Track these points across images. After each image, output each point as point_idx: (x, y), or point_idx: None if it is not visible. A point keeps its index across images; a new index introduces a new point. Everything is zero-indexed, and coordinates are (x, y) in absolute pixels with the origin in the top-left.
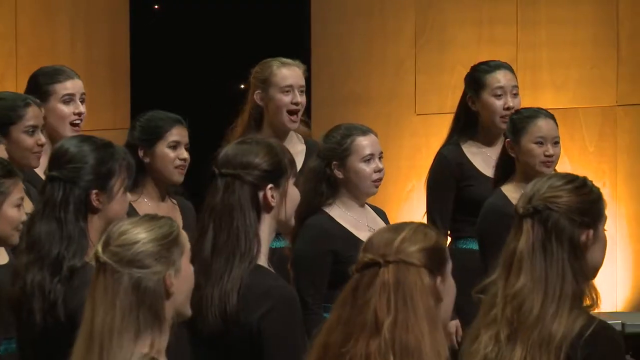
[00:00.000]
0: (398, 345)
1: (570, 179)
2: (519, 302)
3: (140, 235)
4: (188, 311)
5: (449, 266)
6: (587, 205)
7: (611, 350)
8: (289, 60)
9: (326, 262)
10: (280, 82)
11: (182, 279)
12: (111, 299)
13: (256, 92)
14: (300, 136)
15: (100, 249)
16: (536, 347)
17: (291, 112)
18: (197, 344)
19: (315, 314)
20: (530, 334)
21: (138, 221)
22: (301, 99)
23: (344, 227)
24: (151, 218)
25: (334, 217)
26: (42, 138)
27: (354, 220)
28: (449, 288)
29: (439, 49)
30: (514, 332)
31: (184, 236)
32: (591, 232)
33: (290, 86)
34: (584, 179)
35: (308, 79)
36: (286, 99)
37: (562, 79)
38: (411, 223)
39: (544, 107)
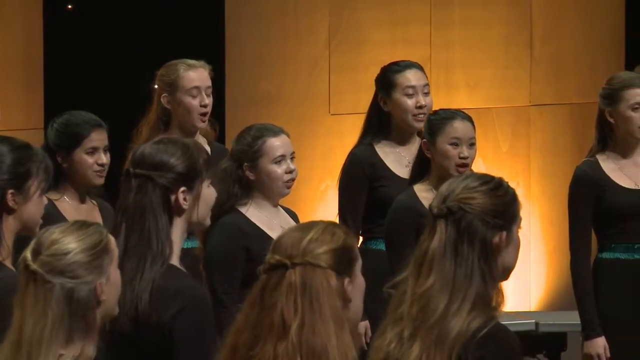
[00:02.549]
0: (305, 347)
1: (486, 180)
2: (425, 301)
3: (71, 245)
4: (115, 311)
5: (358, 266)
6: (502, 207)
7: (504, 353)
8: (194, 62)
9: (239, 260)
10: (187, 85)
11: (111, 285)
12: (42, 309)
13: (163, 95)
14: (205, 138)
15: (29, 257)
16: (432, 346)
17: (200, 115)
18: (110, 344)
19: (230, 312)
20: (430, 333)
21: (68, 229)
22: (208, 100)
23: (257, 225)
24: (80, 226)
25: (248, 216)
26: None
27: (267, 220)
28: (358, 288)
29: (353, 49)
30: (416, 330)
31: (113, 242)
32: (504, 234)
33: (198, 88)
34: (500, 180)
35: (222, 79)
36: (194, 102)
37: (476, 79)
38: (320, 222)
39: (457, 107)
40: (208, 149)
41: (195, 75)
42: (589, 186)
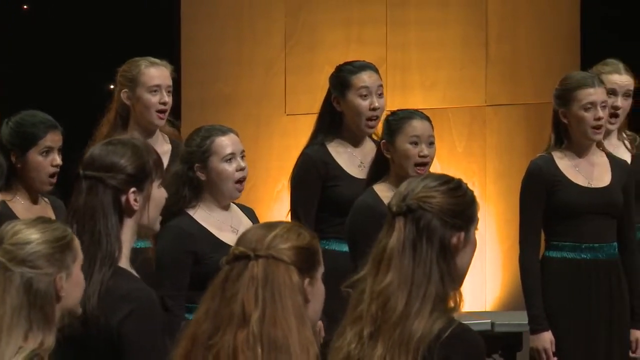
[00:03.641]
0: (266, 338)
1: (446, 180)
2: (384, 299)
3: (34, 236)
4: (78, 310)
5: (321, 271)
6: (460, 207)
7: (469, 354)
8: (156, 60)
9: (186, 263)
10: (148, 82)
11: (73, 284)
12: (1, 296)
13: (123, 90)
14: (166, 136)
15: None
16: (396, 347)
17: (159, 112)
18: (61, 345)
19: (177, 316)
20: (392, 332)
21: (32, 222)
22: (168, 99)
23: (205, 228)
24: (45, 221)
25: (196, 219)
26: None
27: (217, 222)
28: (317, 292)
29: (308, 50)
30: (377, 329)
31: (77, 243)
32: (463, 234)
33: (158, 86)
34: (459, 181)
35: (178, 80)
36: (154, 99)
37: (432, 79)
38: (286, 222)
39: (413, 107)
40: (169, 147)
41: (157, 72)
42: (541, 181)
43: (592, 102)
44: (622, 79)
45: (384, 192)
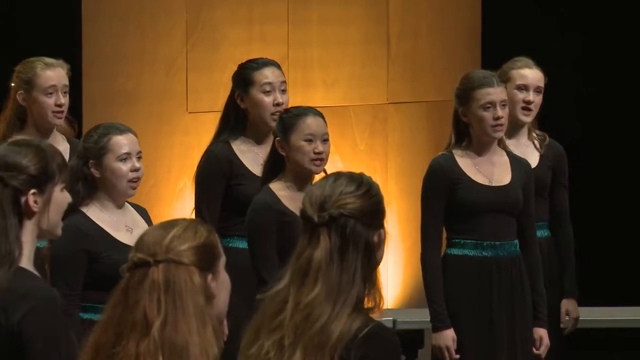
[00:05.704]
0: (167, 345)
1: (358, 182)
2: (310, 310)
3: None
4: None
5: (222, 262)
6: (377, 206)
7: (386, 352)
8: (52, 61)
9: (81, 262)
10: (44, 84)
11: None
12: None
13: (19, 92)
14: (63, 136)
15: None
16: (314, 350)
17: (55, 113)
18: None
19: (71, 315)
20: (312, 339)
21: None
22: (64, 99)
23: (100, 226)
24: None
25: (90, 216)
26: None
27: (111, 220)
28: (222, 284)
29: (210, 48)
30: (298, 338)
31: None
32: (382, 232)
33: (54, 87)
34: (369, 180)
35: (79, 77)
36: (50, 100)
37: (333, 77)
38: (182, 220)
39: (315, 105)
40: (67, 146)
41: (53, 74)
42: (443, 179)
43: (491, 101)
44: (533, 74)
45: (280, 190)
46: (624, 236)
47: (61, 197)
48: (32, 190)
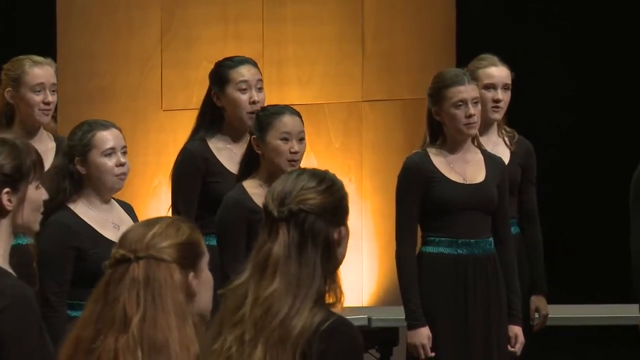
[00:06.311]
0: (146, 341)
1: (320, 178)
2: (269, 305)
3: None
4: None
5: (205, 260)
6: (338, 203)
7: (347, 346)
8: (40, 59)
9: (69, 259)
10: (31, 81)
11: None
12: None
13: (7, 89)
14: (50, 134)
15: None
16: (276, 345)
17: (42, 110)
18: None
19: (58, 311)
20: (273, 333)
21: None
22: (52, 97)
23: (87, 224)
24: None
25: (78, 213)
26: None
27: (98, 217)
28: (204, 282)
29: (185, 45)
30: (258, 333)
31: None
32: (343, 229)
33: (42, 85)
34: (332, 177)
35: None
36: (37, 98)
37: (308, 74)
38: (166, 218)
39: (290, 102)
40: (54, 144)
41: (41, 72)
42: (417, 177)
43: (463, 99)
44: (499, 72)
45: (252, 188)
46: (595, 234)
47: (36, 194)
48: (6, 189)
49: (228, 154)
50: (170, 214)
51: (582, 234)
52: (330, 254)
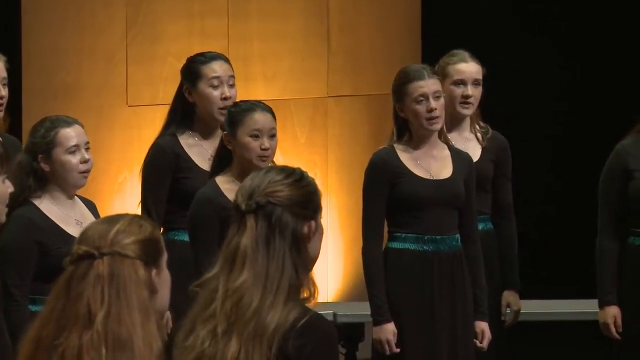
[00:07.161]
0: (111, 337)
1: (289, 172)
2: (239, 296)
3: None
4: None
5: (164, 258)
6: (307, 197)
7: (324, 342)
8: None
9: (32, 254)
10: None
11: None
12: None
13: None
14: None
15: None
16: (250, 340)
17: None
18: None
19: (21, 305)
20: (246, 327)
21: None
22: (4, 92)
23: (51, 219)
24: None
25: (42, 209)
26: None
27: (62, 214)
28: (164, 280)
29: (150, 41)
30: (231, 326)
31: None
32: (313, 223)
33: None
34: (302, 172)
35: (19, 70)
36: None
37: (273, 70)
38: (126, 215)
39: (255, 98)
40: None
41: None
42: (384, 172)
43: (423, 94)
44: (469, 67)
45: (225, 183)
46: (568, 229)
47: (2, 187)
48: None
49: (199, 150)
50: (139, 208)
51: (555, 228)
52: (299, 247)
